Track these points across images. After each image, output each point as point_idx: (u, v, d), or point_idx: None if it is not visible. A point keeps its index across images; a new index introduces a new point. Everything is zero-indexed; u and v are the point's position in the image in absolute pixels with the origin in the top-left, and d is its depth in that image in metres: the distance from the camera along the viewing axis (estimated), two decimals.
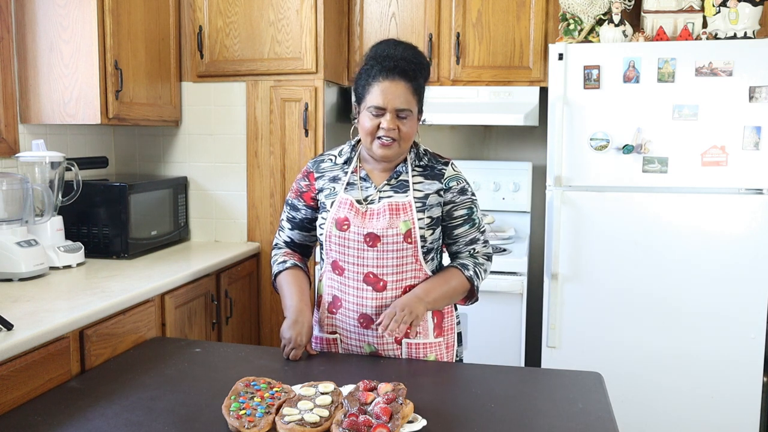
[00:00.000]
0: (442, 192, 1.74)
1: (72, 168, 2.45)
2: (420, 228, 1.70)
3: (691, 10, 2.72)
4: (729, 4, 2.60)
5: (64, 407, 1.45)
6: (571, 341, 2.76)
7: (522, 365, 2.78)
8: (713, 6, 2.63)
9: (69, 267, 2.34)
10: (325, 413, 1.32)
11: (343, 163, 1.79)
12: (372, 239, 1.68)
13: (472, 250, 1.79)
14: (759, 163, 2.57)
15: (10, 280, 2.11)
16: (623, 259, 2.70)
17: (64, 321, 1.69)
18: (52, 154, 2.38)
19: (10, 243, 2.11)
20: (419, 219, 1.70)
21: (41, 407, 1.46)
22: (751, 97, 2.55)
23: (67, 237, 2.46)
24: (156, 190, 2.76)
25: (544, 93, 3.06)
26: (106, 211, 2.54)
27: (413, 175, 1.74)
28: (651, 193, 2.67)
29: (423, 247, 1.71)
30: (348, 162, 1.79)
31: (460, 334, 1.87)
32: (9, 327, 1.58)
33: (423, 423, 1.34)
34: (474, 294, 1.79)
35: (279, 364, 1.69)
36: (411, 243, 1.69)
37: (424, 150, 1.79)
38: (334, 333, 1.79)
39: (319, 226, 1.77)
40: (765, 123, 2.55)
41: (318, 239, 1.81)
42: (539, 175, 3.35)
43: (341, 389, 1.46)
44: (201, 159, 3.03)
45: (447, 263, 1.82)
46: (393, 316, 1.63)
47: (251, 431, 1.26)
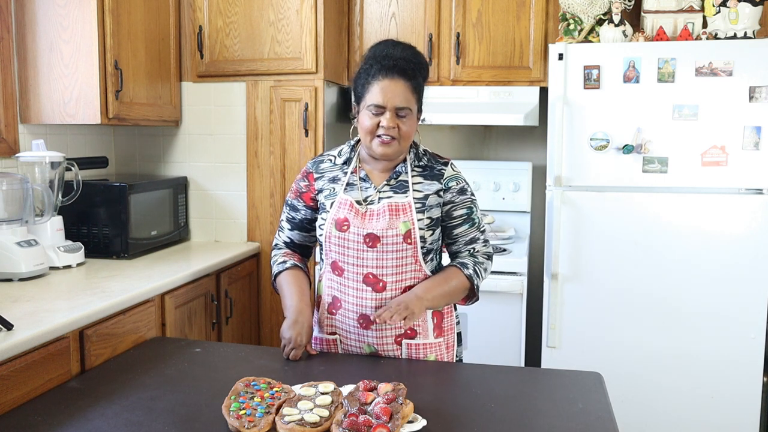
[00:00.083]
0: (441, 192, 1.74)
1: (72, 168, 2.45)
2: (420, 229, 1.70)
3: (691, 10, 2.72)
4: (729, 4, 2.60)
5: (64, 407, 1.45)
6: (571, 341, 2.76)
7: (522, 365, 2.78)
8: (713, 6, 2.63)
9: (69, 267, 2.34)
10: (325, 413, 1.32)
11: (343, 164, 1.79)
12: (372, 240, 1.68)
13: (471, 249, 1.79)
14: (759, 163, 2.57)
15: (10, 280, 2.11)
16: (623, 259, 2.70)
17: (64, 321, 1.69)
18: (52, 154, 2.38)
19: (10, 243, 2.12)
20: (419, 220, 1.70)
21: (41, 407, 1.46)
22: (751, 97, 2.55)
23: (67, 237, 2.46)
24: (156, 190, 2.76)
25: (544, 93, 3.06)
26: (106, 211, 2.54)
27: (413, 176, 1.74)
28: (651, 193, 2.67)
29: (423, 248, 1.71)
30: (347, 162, 1.79)
31: (459, 334, 1.87)
32: (9, 327, 1.58)
33: (423, 423, 1.34)
34: (474, 293, 1.79)
35: (279, 364, 1.69)
36: (411, 244, 1.69)
37: (423, 150, 1.79)
38: (333, 334, 1.79)
39: (319, 226, 1.77)
40: (765, 123, 2.55)
41: (318, 240, 1.82)
42: (539, 175, 3.35)
43: (341, 389, 1.46)
44: (201, 159, 3.03)
45: (447, 263, 1.82)
46: (388, 308, 1.65)
47: (251, 431, 1.26)
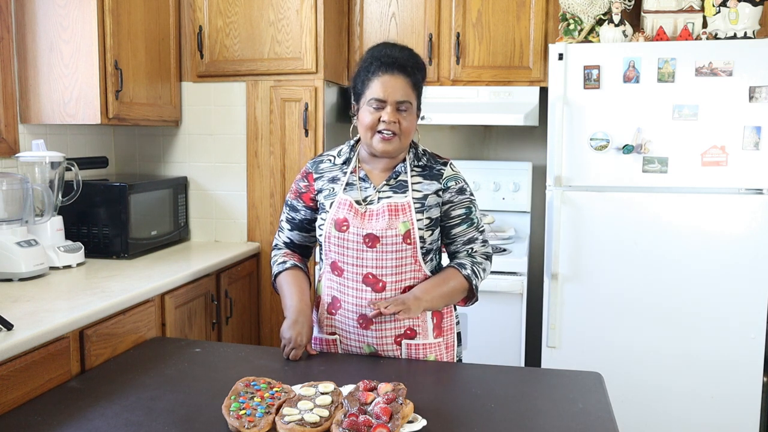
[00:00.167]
0: (440, 192, 1.74)
1: (72, 168, 2.45)
2: (419, 229, 1.70)
3: (691, 10, 2.72)
4: (729, 4, 2.60)
5: (64, 407, 1.45)
6: (571, 341, 2.76)
7: (522, 365, 2.78)
8: (713, 6, 2.63)
9: (69, 267, 2.34)
10: (325, 413, 1.32)
11: (342, 164, 1.80)
12: (371, 240, 1.68)
13: (470, 249, 1.79)
14: (759, 163, 2.57)
15: (10, 280, 2.11)
16: (623, 259, 2.70)
17: (64, 321, 1.69)
18: (52, 154, 2.38)
19: (10, 243, 2.12)
20: (418, 220, 1.70)
21: (41, 407, 1.46)
22: (751, 97, 2.55)
23: (67, 237, 2.46)
24: (156, 190, 2.76)
25: (544, 93, 3.06)
26: (106, 211, 2.54)
27: (412, 176, 1.74)
28: (651, 193, 2.67)
29: (422, 248, 1.71)
30: (347, 162, 1.79)
31: (459, 334, 1.87)
32: (9, 327, 1.58)
33: (423, 423, 1.34)
34: (474, 294, 1.79)
35: (279, 364, 1.69)
36: (410, 244, 1.69)
37: (422, 150, 1.79)
38: (333, 334, 1.79)
39: (318, 227, 1.77)
40: (765, 123, 2.55)
41: (317, 240, 1.82)
42: (539, 175, 3.34)
43: (341, 389, 1.46)
44: (201, 159, 3.03)
45: (446, 263, 1.82)
46: (386, 299, 1.68)
47: (251, 431, 1.26)
